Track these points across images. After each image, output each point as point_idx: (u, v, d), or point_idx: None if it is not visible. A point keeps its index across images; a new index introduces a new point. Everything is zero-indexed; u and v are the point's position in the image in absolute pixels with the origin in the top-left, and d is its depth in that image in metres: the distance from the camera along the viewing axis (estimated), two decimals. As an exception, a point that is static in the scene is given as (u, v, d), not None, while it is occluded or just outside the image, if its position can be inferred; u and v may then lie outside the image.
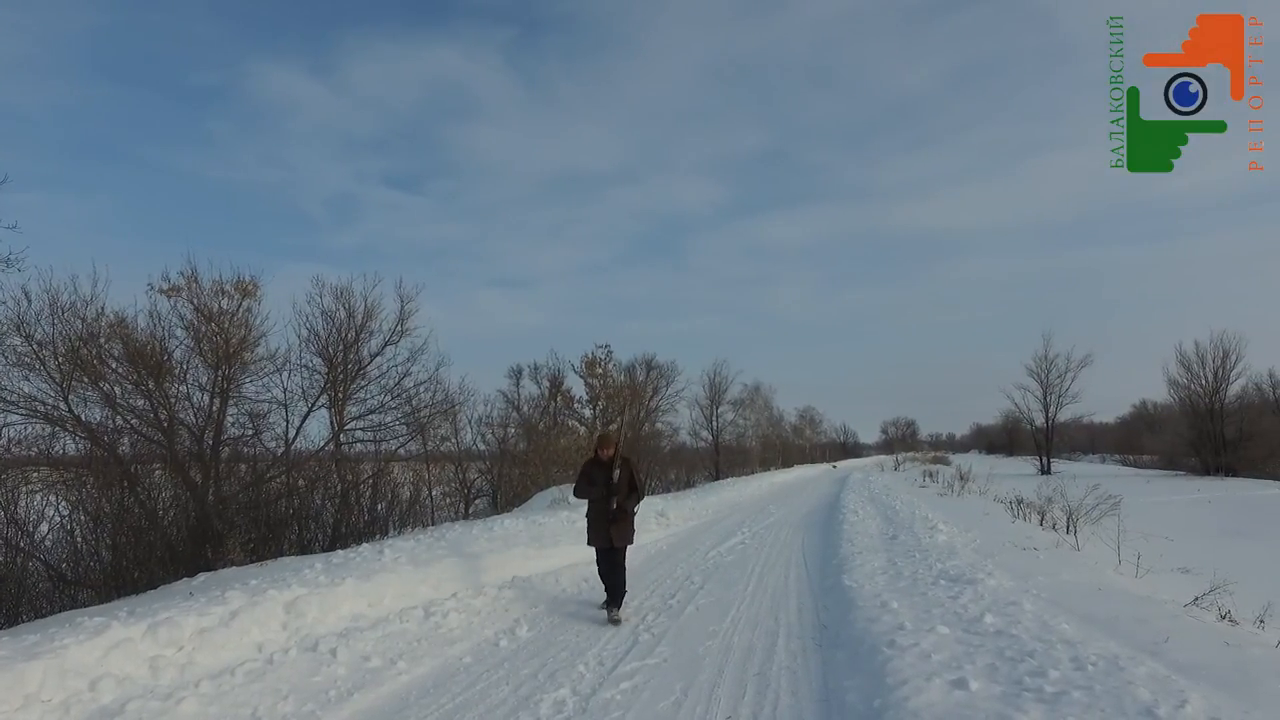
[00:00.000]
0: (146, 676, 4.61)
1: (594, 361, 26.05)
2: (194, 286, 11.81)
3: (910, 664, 4.63)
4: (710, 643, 5.90)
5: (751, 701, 4.53)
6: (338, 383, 13.90)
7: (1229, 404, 45.62)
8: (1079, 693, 3.89)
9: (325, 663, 5.29)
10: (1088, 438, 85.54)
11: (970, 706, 3.85)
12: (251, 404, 12.35)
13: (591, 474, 6.99)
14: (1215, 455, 43.85)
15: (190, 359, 11.50)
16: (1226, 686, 4.01)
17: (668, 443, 32.44)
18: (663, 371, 31.33)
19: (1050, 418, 55.33)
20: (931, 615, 5.88)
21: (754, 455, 45.91)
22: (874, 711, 4.09)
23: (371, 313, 14.24)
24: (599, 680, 4.99)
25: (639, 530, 12.97)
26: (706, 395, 40.42)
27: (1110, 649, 4.70)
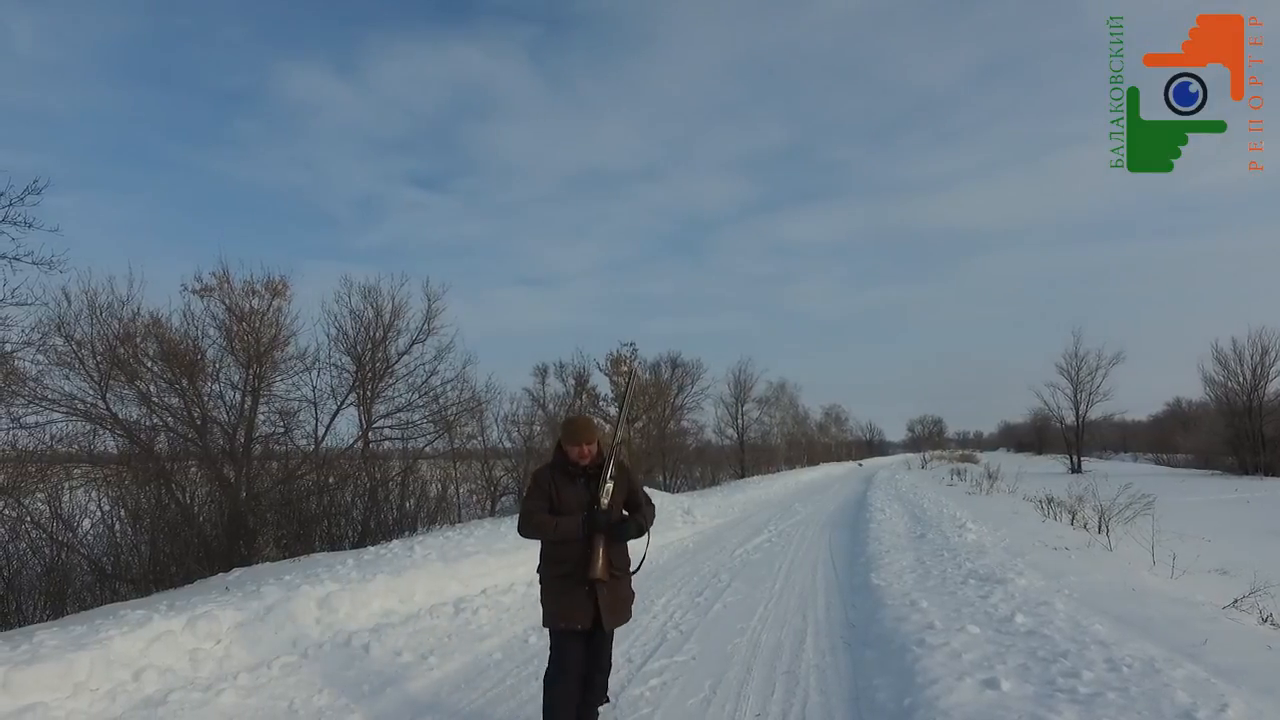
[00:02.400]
0: (187, 668, 4.73)
1: (619, 359, 26.10)
2: (226, 286, 12.03)
3: (940, 663, 4.60)
4: (738, 640, 5.91)
5: (781, 699, 4.53)
6: (366, 381, 14.06)
7: (1268, 402, 44.47)
8: (1114, 694, 3.84)
9: (358, 657, 5.38)
10: (1120, 436, 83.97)
11: (1002, 707, 3.82)
12: (282, 402, 12.53)
13: (557, 489, 3.63)
14: (1254, 454, 42.77)
15: (223, 358, 11.70)
16: (1270, 691, 3.93)
17: (693, 440, 32.41)
18: (688, 369, 31.28)
19: (1081, 415, 54.34)
20: (961, 614, 5.84)
21: (779, 453, 45.74)
22: (904, 710, 4.07)
23: (399, 312, 14.40)
24: (628, 677, 5.02)
25: (663, 529, 12.76)
26: (731, 393, 40.29)
27: (1146, 651, 4.64)
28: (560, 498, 3.59)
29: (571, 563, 3.53)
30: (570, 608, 3.56)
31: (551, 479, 3.61)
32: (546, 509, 3.58)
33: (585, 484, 3.62)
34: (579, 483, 3.62)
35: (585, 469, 3.62)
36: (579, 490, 3.61)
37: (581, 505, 3.57)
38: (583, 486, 3.62)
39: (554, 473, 3.63)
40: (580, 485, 3.62)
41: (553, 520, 3.54)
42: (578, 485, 3.62)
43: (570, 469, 3.62)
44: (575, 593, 3.56)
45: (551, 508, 3.60)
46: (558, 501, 3.58)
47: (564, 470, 3.64)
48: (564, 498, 3.59)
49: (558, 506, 3.58)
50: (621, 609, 3.74)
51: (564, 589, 3.58)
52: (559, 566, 3.59)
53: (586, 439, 3.60)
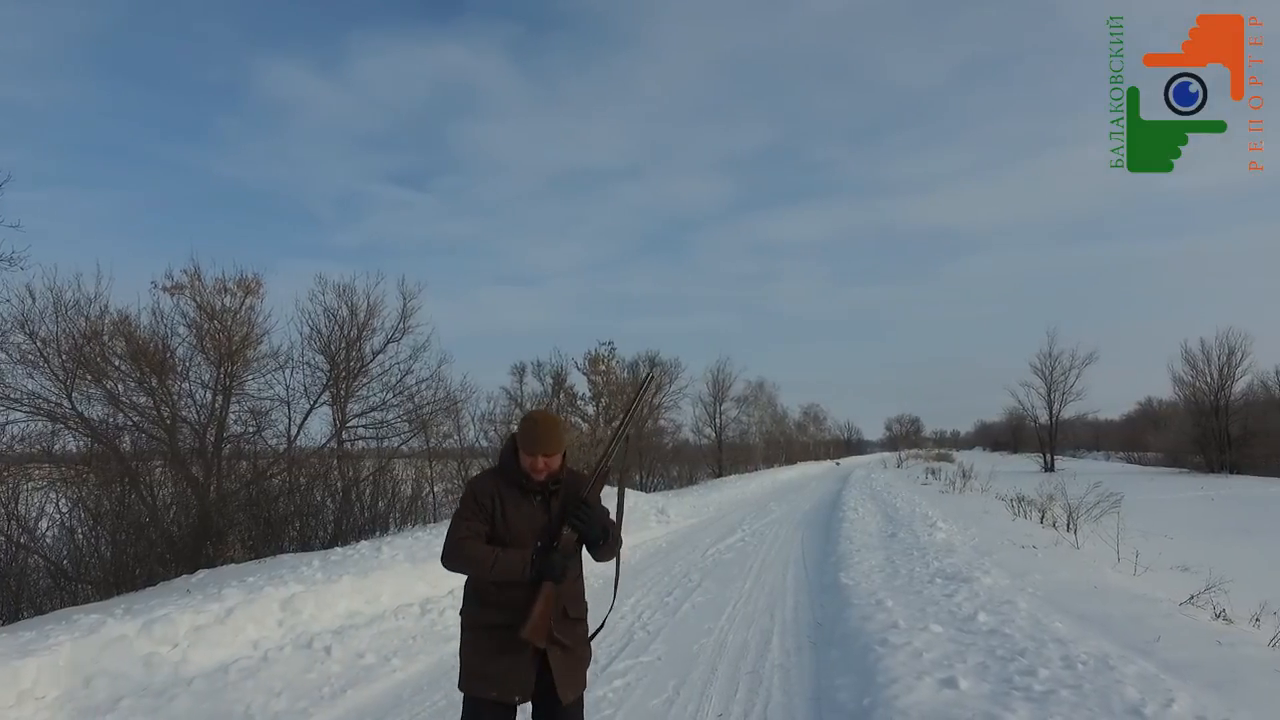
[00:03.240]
0: (141, 674, 4.65)
1: (597, 358, 26.07)
2: (197, 284, 11.88)
3: (902, 662, 4.64)
4: (705, 640, 5.92)
5: (743, 699, 4.55)
6: (340, 380, 13.95)
7: (1234, 401, 45.38)
8: (1067, 691, 3.89)
9: (320, 660, 5.33)
10: (1092, 435, 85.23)
11: (959, 705, 3.86)
12: (254, 401, 12.40)
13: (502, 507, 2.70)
14: (1220, 453, 43.64)
15: (193, 356, 11.57)
16: (1215, 686, 4.01)
17: (670, 440, 32.45)
18: (666, 368, 31.30)
19: (1054, 415, 55.14)
20: (925, 614, 5.90)
21: (757, 452, 45.90)
22: (863, 710, 4.11)
23: (374, 310, 14.29)
24: (591, 678, 4.97)
25: (636, 529, 12.77)
26: (710, 392, 40.32)
27: (1102, 648, 4.71)
28: (506, 520, 2.61)
29: (514, 609, 2.51)
30: (505, 673, 2.57)
31: (495, 493, 2.63)
32: (484, 534, 2.61)
33: (543, 504, 2.65)
34: (534, 502, 2.64)
35: (544, 484, 2.65)
36: (533, 512, 2.63)
37: (535, 532, 2.60)
38: (539, 507, 2.64)
39: (499, 485, 2.65)
40: (536, 505, 2.64)
41: (491, 552, 2.54)
42: (532, 505, 2.63)
43: (523, 482, 2.63)
44: (515, 653, 2.55)
45: (493, 532, 2.62)
46: (502, 525, 2.61)
47: (514, 482, 2.64)
48: (511, 521, 2.61)
49: (501, 532, 2.60)
50: (579, 671, 2.76)
51: (499, 646, 2.57)
52: (494, 613, 2.58)
53: (551, 447, 2.59)
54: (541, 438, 2.60)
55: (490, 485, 2.68)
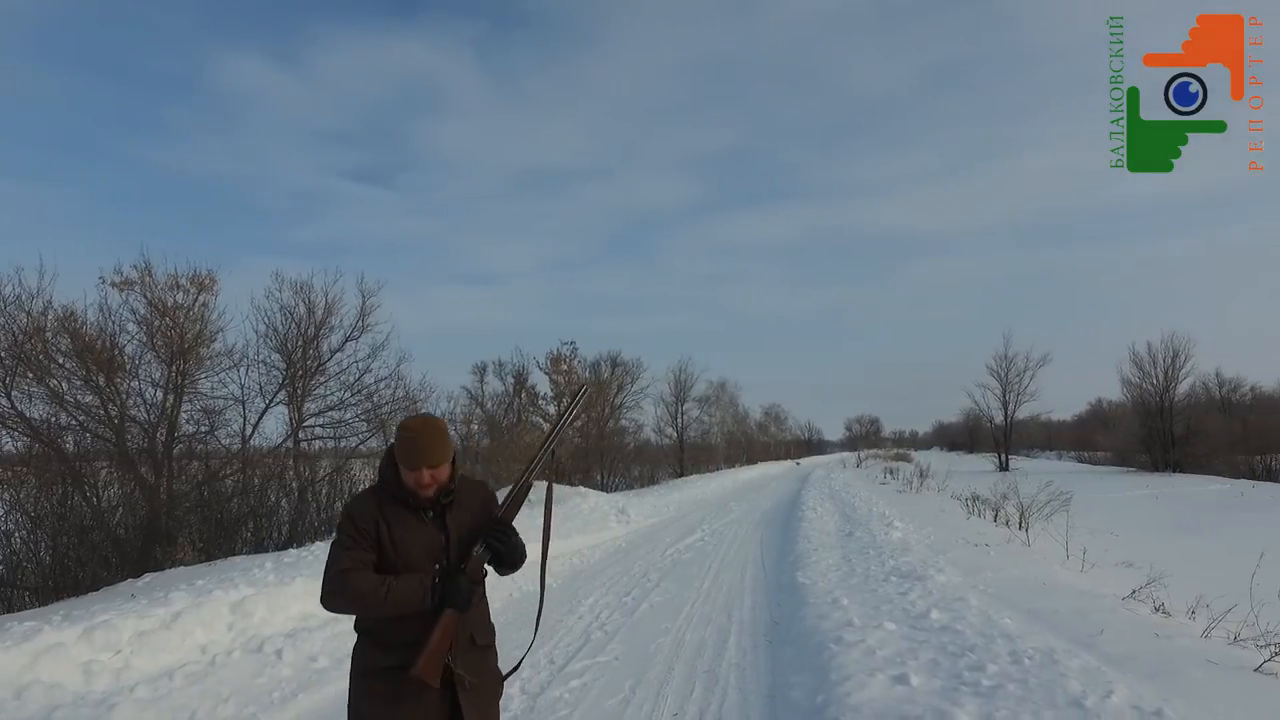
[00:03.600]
0: (79, 683, 4.50)
1: (559, 358, 26.00)
2: (148, 280, 11.59)
3: (855, 660, 4.71)
4: (663, 640, 5.93)
5: (699, 698, 4.57)
6: (296, 379, 13.73)
7: (1178, 402, 47.00)
8: (1014, 686, 3.99)
9: (270, 664, 5.22)
10: (1045, 435, 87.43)
11: (910, 701, 3.93)
12: (207, 400, 12.14)
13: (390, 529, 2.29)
14: (1164, 452, 45.15)
15: (143, 354, 11.29)
16: (1151, 677, 4.15)
17: (632, 440, 32.48)
18: (628, 368, 31.34)
19: (1009, 415, 56.62)
20: (880, 612, 5.98)
21: (719, 452, 46.14)
22: (817, 707, 4.15)
23: (332, 308, 14.10)
24: (549, 678, 4.99)
25: (595, 529, 12.77)
26: (672, 392, 40.45)
27: (1048, 642, 4.83)
28: (395, 543, 2.24)
29: (415, 647, 2.14)
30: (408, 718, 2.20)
31: (378, 514, 2.26)
32: (371, 564, 2.22)
33: (436, 520, 2.31)
34: (426, 519, 2.30)
35: (434, 499, 2.30)
36: (426, 531, 2.28)
37: (432, 554, 2.26)
38: (433, 525, 2.30)
39: (381, 504, 2.28)
40: (428, 523, 2.29)
41: (382, 581, 2.17)
42: (423, 523, 2.29)
43: (410, 499, 2.28)
44: (415, 697, 2.19)
45: (381, 560, 2.24)
46: (391, 550, 2.24)
47: (399, 500, 2.29)
48: (402, 543, 2.25)
49: (391, 558, 2.24)
50: (492, 707, 2.41)
51: (395, 693, 2.21)
52: (390, 654, 2.21)
53: (435, 459, 2.24)
54: (423, 450, 2.24)
55: (371, 506, 2.29)
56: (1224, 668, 4.36)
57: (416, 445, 2.23)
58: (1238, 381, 50.73)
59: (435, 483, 2.27)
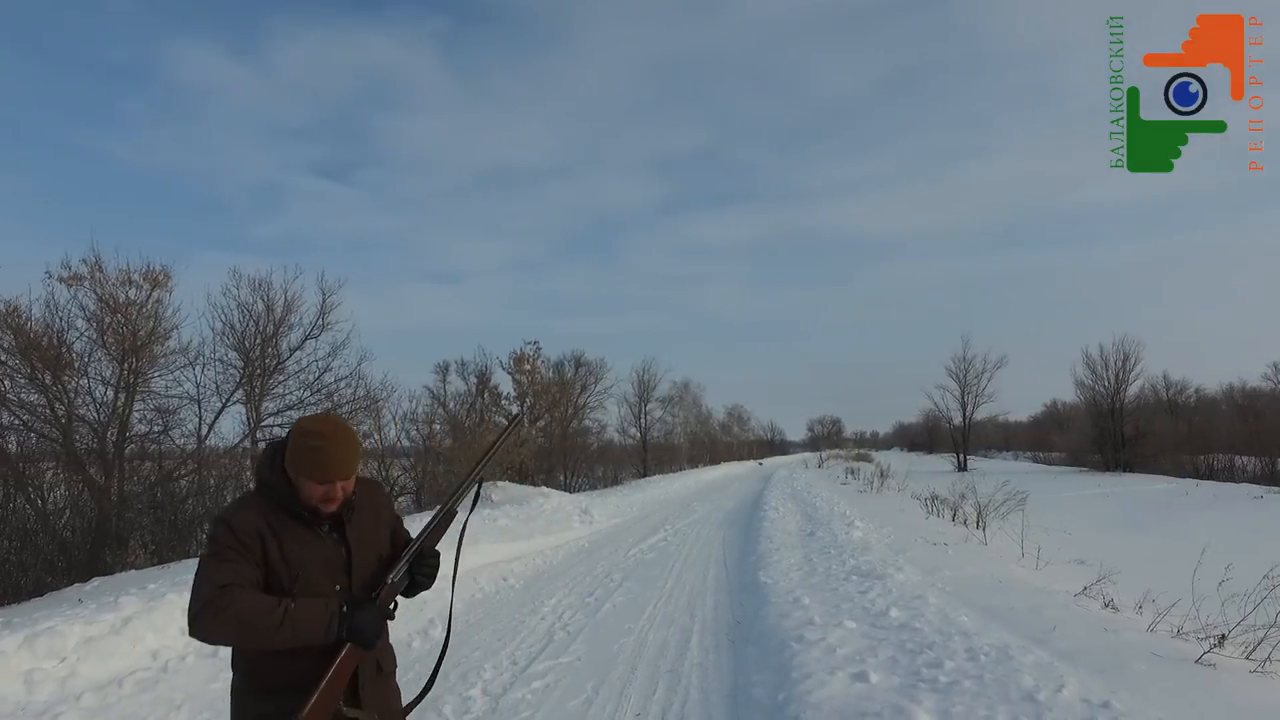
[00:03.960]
0: (20, 693, 4.35)
1: (523, 358, 25.86)
2: (98, 275, 11.30)
3: (816, 658, 4.75)
4: (625, 640, 5.93)
5: (662, 698, 4.58)
6: (254, 377, 13.49)
7: (1128, 404, 48.46)
8: (970, 682, 4.07)
9: (225, 669, 5.06)
10: (1002, 436, 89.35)
11: (869, 698, 3.98)
12: (160, 399, 11.89)
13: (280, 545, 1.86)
14: (1115, 452, 46.49)
15: (93, 351, 11.01)
16: (1101, 671, 4.27)
17: (595, 440, 32.45)
18: (591, 368, 31.31)
19: (967, 416, 57.69)
20: (840, 610, 6.05)
21: (682, 452, 46.31)
22: (778, 705, 4.19)
23: (291, 306, 13.89)
24: (511, 680, 4.96)
25: (559, 530, 12.71)
26: (635, 392, 40.57)
27: (1003, 639, 4.93)
28: (288, 562, 1.85)
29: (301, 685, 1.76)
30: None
31: (265, 528, 1.85)
32: (257, 581, 1.81)
33: (334, 535, 1.95)
34: (322, 534, 1.93)
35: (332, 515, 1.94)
36: (324, 548, 1.92)
37: (331, 575, 1.91)
38: (331, 541, 1.94)
39: (267, 516, 1.87)
40: (326, 539, 1.93)
41: (278, 604, 1.76)
42: (319, 539, 1.92)
43: (305, 513, 1.90)
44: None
45: (267, 581, 1.83)
46: (282, 569, 1.84)
47: (291, 512, 1.90)
48: (296, 561, 1.86)
49: (283, 579, 1.84)
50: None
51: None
52: (273, 697, 1.81)
53: (350, 468, 1.91)
54: (337, 461, 1.86)
55: (255, 518, 1.85)
56: (1167, 660, 4.51)
57: (329, 455, 1.85)
58: (1183, 384, 52.50)
59: (344, 496, 1.92)
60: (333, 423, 1.93)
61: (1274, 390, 43.48)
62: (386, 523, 2.13)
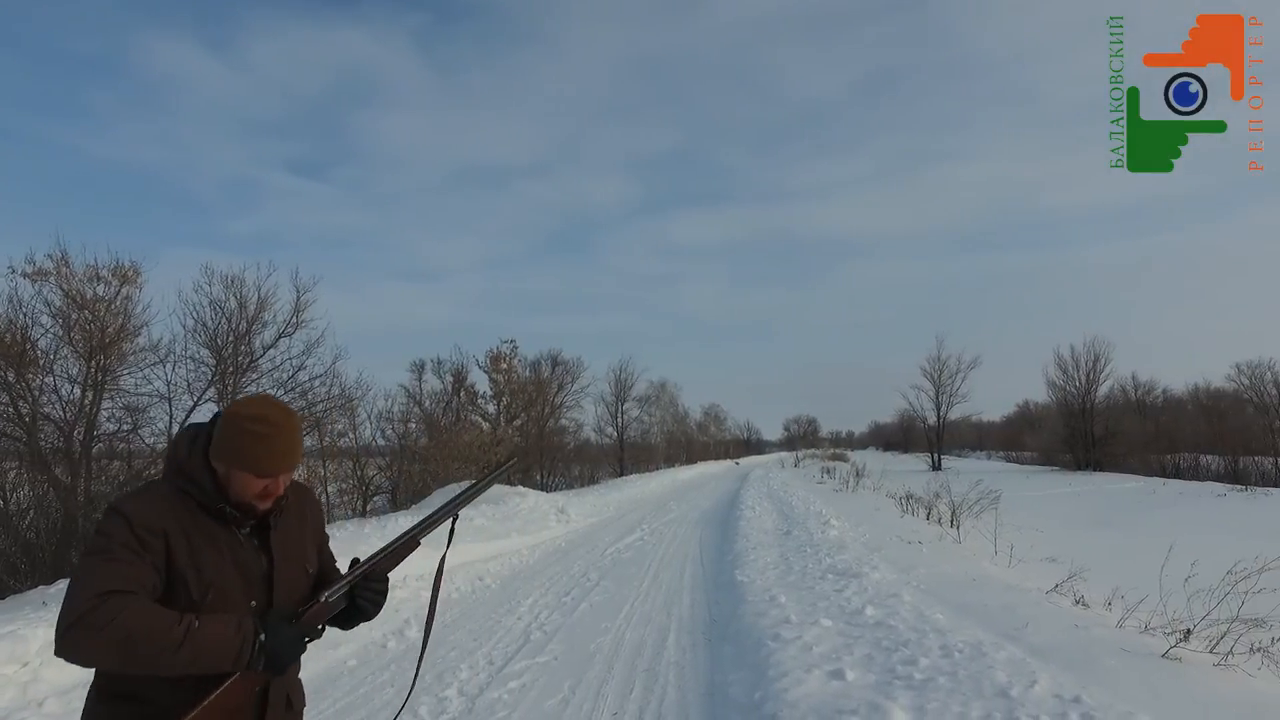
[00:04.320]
0: (-18, 695, 4.25)
1: (499, 356, 25.74)
2: (65, 270, 11.06)
3: (792, 656, 4.78)
4: (602, 639, 5.92)
5: (639, 697, 4.57)
6: (227, 375, 13.29)
7: (1098, 404, 49.29)
8: (944, 679, 4.11)
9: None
10: (976, 435, 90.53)
11: (845, 696, 4.01)
12: (130, 397, 11.65)
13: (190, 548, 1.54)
14: (1085, 451, 47.25)
15: (59, 348, 10.76)
16: (1071, 666, 4.34)
17: (572, 439, 32.38)
18: (568, 367, 31.24)
19: (941, 416, 58.41)
20: (817, 608, 6.09)
21: (659, 452, 46.34)
22: (755, 703, 4.20)
23: (265, 303, 13.70)
24: (487, 680, 4.92)
25: (535, 529, 12.65)
26: (612, 392, 40.49)
27: (977, 636, 4.99)
28: (199, 568, 1.55)
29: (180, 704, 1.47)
30: None
31: (174, 525, 1.54)
32: (154, 589, 1.49)
33: (256, 539, 1.67)
34: (242, 537, 1.65)
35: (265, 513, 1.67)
36: (244, 554, 1.63)
37: (249, 587, 1.62)
38: (252, 546, 1.65)
39: (179, 512, 1.57)
40: (246, 543, 1.65)
41: (179, 620, 1.44)
42: (238, 543, 1.63)
43: (229, 510, 1.62)
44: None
45: (170, 591, 1.52)
46: (192, 576, 1.54)
47: (209, 510, 1.61)
48: (209, 568, 1.56)
49: (192, 589, 1.53)
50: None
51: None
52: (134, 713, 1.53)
53: (296, 459, 1.66)
54: (289, 450, 1.63)
55: (161, 512, 1.54)
56: (1135, 655, 4.59)
57: (278, 445, 1.60)
58: (1151, 384, 53.50)
59: (274, 494, 1.65)
60: (279, 407, 1.66)
61: (1237, 391, 44.37)
62: (314, 534, 1.84)
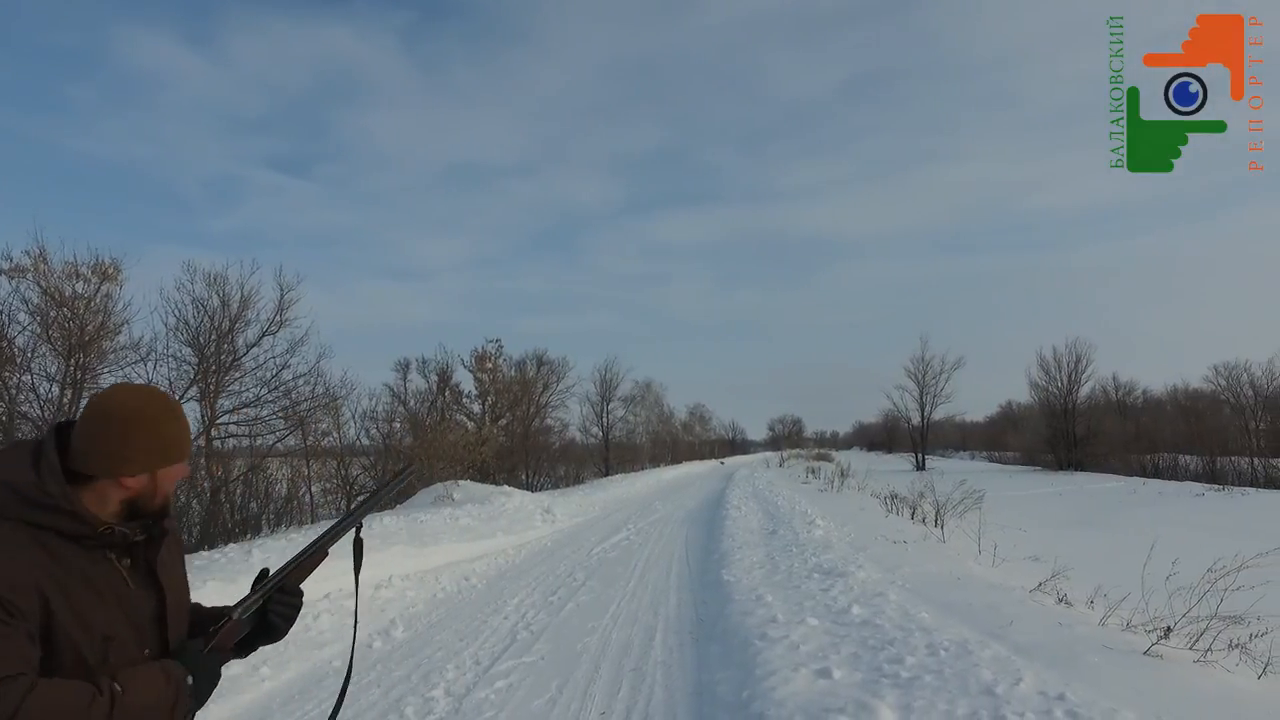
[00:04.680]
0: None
1: (484, 356, 25.67)
2: (43, 267, 10.94)
3: (780, 655, 4.80)
4: (589, 639, 5.92)
5: (626, 697, 4.57)
6: (209, 374, 13.18)
7: (1080, 405, 49.81)
8: (930, 676, 4.14)
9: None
10: (959, 436, 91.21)
11: (832, 694, 4.03)
12: (108, 396, 11.52)
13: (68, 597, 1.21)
14: (1067, 451, 47.74)
15: (36, 346, 10.66)
16: (1055, 664, 4.39)
17: (557, 439, 32.36)
18: (554, 367, 31.24)
19: (925, 416, 58.83)
20: (803, 608, 6.12)
21: (644, 451, 46.43)
22: (742, 702, 4.22)
23: (248, 301, 13.63)
24: (474, 680, 4.91)
25: (521, 529, 12.63)
26: (598, 391, 40.55)
27: (962, 634, 5.04)
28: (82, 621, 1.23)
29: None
30: None
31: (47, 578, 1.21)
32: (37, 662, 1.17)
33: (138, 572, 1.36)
34: (123, 568, 1.33)
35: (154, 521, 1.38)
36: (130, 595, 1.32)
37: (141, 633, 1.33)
38: (134, 578, 1.34)
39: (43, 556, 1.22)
40: (126, 576, 1.33)
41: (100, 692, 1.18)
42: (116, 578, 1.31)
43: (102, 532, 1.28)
44: None
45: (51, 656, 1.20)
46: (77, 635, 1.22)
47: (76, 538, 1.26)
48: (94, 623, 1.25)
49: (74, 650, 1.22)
50: None
51: None
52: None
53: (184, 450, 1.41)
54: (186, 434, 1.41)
55: (27, 564, 1.20)
56: (1118, 652, 4.65)
57: (183, 421, 1.40)
58: (1131, 385, 54.17)
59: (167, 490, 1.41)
60: (147, 388, 1.41)
61: (1214, 392, 45.01)
62: (181, 548, 1.54)
